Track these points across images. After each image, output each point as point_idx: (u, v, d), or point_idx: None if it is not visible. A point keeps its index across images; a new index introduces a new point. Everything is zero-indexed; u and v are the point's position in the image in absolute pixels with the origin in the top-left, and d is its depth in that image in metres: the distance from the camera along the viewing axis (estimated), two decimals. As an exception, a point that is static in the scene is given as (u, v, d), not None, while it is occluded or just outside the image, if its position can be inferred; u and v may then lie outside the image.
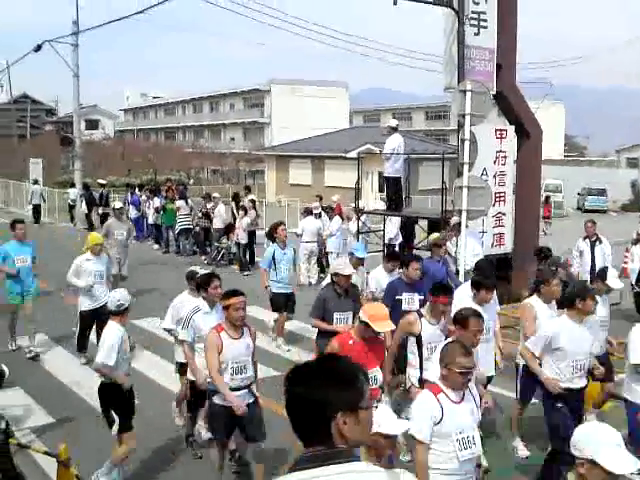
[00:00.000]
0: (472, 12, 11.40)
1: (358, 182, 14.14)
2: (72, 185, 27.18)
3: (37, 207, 26.54)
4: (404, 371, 6.17)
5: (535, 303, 6.67)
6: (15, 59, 33.79)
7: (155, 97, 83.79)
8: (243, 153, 52.44)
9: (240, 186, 30.54)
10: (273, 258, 10.10)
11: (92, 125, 69.64)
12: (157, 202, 20.70)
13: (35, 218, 25.92)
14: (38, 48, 25.76)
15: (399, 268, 8.00)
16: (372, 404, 2.19)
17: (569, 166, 52.04)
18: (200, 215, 19.24)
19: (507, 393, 7.49)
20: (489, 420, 6.41)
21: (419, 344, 5.85)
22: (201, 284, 6.51)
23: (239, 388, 5.43)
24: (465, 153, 9.31)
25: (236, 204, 18.78)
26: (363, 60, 36.23)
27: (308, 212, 16.16)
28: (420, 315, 5.96)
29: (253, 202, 17.71)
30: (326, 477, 1.95)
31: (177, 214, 19.10)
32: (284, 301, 10.24)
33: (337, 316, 6.81)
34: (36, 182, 27.74)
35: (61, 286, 11.59)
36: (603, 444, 2.87)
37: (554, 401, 5.60)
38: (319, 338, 6.98)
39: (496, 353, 6.71)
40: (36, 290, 9.98)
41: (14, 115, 57.51)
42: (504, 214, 12.10)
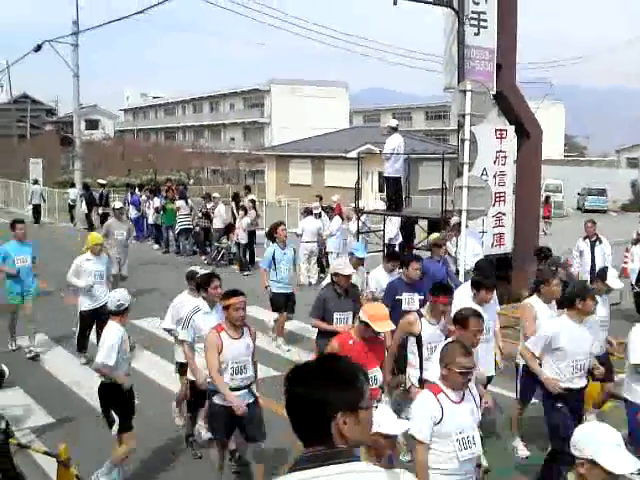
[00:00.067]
0: (472, 12, 11.40)
1: (358, 182, 14.14)
2: (72, 185, 27.16)
3: (37, 207, 26.53)
4: (404, 371, 6.16)
5: (535, 303, 6.67)
6: (15, 59, 33.85)
7: (155, 97, 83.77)
8: (243, 153, 52.42)
9: (240, 186, 30.50)
10: (273, 258, 10.10)
11: (92, 125, 69.64)
12: (157, 202, 20.69)
13: (35, 218, 25.91)
14: (38, 48, 25.75)
15: (399, 268, 8.00)
16: (372, 404, 2.19)
17: (569, 166, 52.02)
18: (200, 215, 19.23)
19: (507, 393, 7.48)
20: (489, 420, 6.40)
21: (419, 344, 5.85)
22: (201, 284, 6.51)
23: (239, 388, 5.43)
24: (465, 153, 9.31)
25: (236, 204, 18.78)
26: (363, 60, 36.25)
27: (308, 212, 16.15)
28: (420, 315, 5.96)
29: (253, 202, 17.71)
30: (326, 477, 1.94)
31: (177, 214, 19.09)
32: (284, 301, 10.24)
33: (337, 316, 6.81)
34: (36, 182, 27.73)
35: (61, 286, 11.60)
36: (603, 444, 2.87)
37: (554, 401, 5.60)
38: (319, 338, 6.98)
39: (496, 353, 6.71)
40: (36, 290, 9.98)
41: (14, 115, 57.51)
42: (504, 214, 12.10)
